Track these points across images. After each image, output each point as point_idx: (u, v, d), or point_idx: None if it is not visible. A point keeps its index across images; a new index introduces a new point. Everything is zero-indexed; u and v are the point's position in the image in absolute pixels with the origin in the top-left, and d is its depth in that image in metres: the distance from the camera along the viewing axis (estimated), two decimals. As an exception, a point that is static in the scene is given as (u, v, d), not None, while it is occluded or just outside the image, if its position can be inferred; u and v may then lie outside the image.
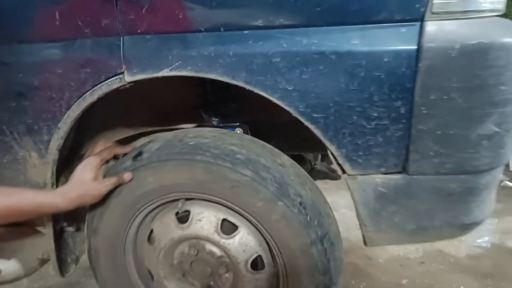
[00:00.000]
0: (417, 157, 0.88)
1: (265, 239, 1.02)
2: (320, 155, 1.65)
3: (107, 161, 1.09)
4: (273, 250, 1.01)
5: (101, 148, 1.08)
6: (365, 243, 1.02)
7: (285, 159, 1.03)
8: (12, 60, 1.02)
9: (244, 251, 1.03)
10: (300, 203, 0.95)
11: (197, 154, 0.97)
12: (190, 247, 1.07)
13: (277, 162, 1.00)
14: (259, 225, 0.98)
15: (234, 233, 1.03)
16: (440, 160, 0.88)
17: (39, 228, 1.18)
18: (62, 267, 1.22)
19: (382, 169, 0.92)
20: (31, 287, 1.72)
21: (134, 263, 1.16)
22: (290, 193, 0.95)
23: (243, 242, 1.03)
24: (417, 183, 0.91)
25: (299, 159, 1.30)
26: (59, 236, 1.21)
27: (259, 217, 0.98)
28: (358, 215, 0.97)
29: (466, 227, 0.97)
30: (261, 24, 0.87)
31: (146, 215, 1.11)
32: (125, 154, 1.11)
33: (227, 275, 1.07)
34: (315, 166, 1.48)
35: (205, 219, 1.04)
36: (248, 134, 1.16)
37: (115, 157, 1.11)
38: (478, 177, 0.90)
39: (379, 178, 0.92)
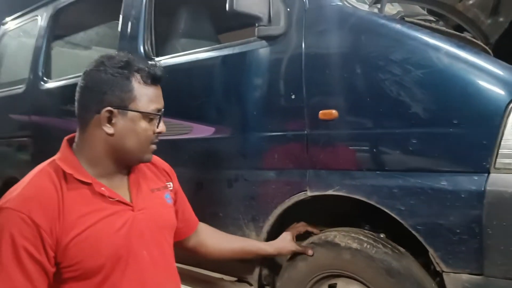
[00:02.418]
0: (488, 263, 1.28)
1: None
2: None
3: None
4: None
5: (298, 225, 1.75)
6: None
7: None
8: (250, 178, 1.82)
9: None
10: None
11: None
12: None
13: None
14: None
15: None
16: (506, 268, 1.26)
17: (251, 282, 1.89)
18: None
19: (467, 270, 1.33)
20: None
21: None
22: None
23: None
24: (491, 283, 1.28)
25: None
26: (259, 291, 1.90)
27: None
28: (451, 302, 1.37)
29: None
30: (387, 169, 1.46)
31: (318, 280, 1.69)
32: (311, 233, 1.73)
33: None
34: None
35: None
36: (386, 238, 1.66)
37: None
38: (541, 286, 1.24)
39: (464, 276, 1.33)
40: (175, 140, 2.08)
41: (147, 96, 1.25)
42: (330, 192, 1.58)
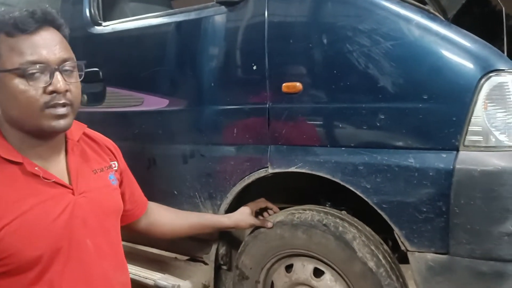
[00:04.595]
0: (454, 242, 1.25)
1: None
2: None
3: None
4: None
5: (258, 201, 1.67)
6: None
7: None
8: (207, 153, 1.71)
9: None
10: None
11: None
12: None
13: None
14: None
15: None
16: (471, 247, 1.24)
17: (206, 261, 1.80)
18: (216, 292, 1.81)
19: (432, 249, 1.30)
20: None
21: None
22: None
23: None
24: (456, 262, 1.27)
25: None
26: (217, 271, 1.82)
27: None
28: (414, 281, 1.35)
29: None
30: (353, 146, 1.40)
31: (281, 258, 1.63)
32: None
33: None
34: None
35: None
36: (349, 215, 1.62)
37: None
38: (505, 264, 1.22)
39: (429, 255, 1.30)
40: (125, 113, 1.92)
41: (12, 49, 0.98)
42: (292, 169, 1.50)
